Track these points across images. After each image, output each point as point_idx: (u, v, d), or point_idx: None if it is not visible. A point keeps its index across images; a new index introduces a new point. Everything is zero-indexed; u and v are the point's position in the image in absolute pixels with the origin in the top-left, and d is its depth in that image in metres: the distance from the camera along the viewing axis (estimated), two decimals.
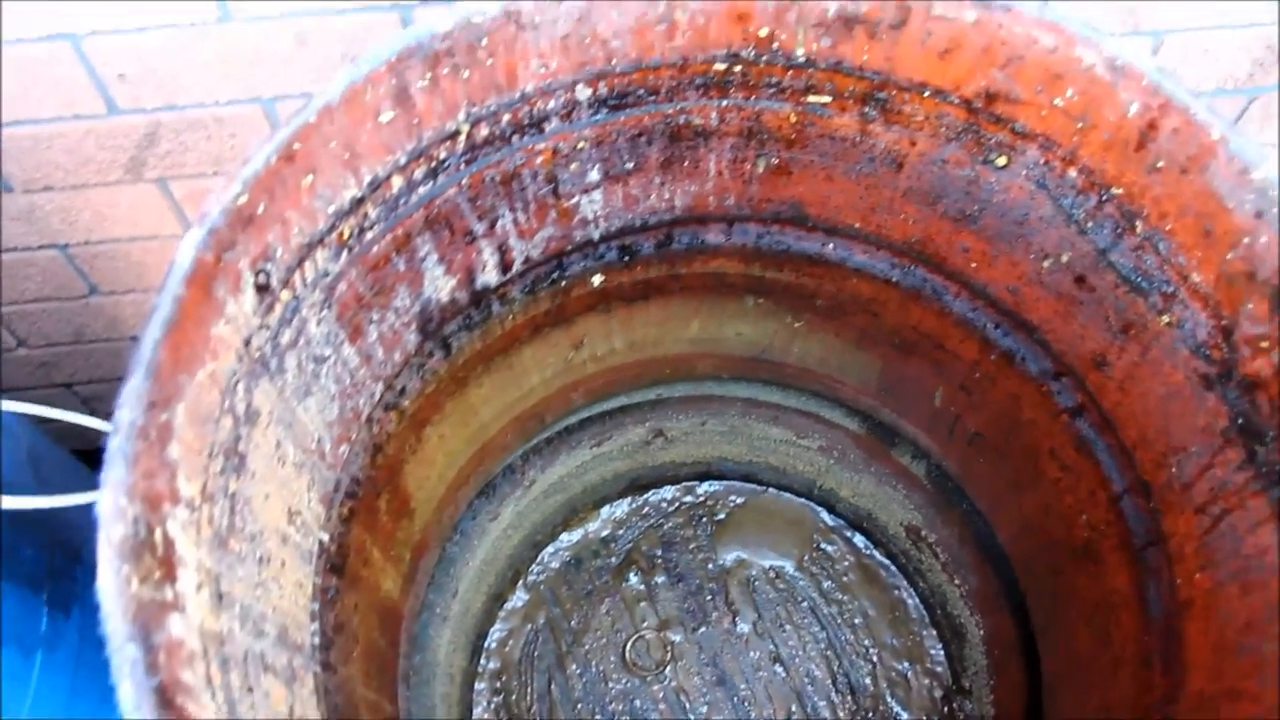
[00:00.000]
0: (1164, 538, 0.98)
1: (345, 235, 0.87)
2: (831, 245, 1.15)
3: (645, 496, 1.72)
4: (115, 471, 0.65)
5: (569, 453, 1.55)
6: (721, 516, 1.71)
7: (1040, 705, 1.30)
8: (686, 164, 1.04)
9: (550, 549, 1.67)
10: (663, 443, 1.63)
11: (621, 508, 1.71)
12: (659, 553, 1.67)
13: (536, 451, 1.50)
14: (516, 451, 1.46)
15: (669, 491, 1.73)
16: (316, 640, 0.97)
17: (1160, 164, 0.82)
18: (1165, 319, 0.89)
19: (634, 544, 1.68)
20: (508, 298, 1.13)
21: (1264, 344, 0.79)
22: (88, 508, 0.73)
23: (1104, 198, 0.88)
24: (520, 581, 1.64)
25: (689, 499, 1.73)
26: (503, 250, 1.05)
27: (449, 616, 1.45)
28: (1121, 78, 0.81)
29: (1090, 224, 0.91)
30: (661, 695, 1.55)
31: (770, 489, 1.73)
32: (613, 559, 1.66)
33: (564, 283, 1.16)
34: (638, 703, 1.55)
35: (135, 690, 0.59)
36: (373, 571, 1.14)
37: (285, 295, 0.83)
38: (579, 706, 1.55)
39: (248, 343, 0.80)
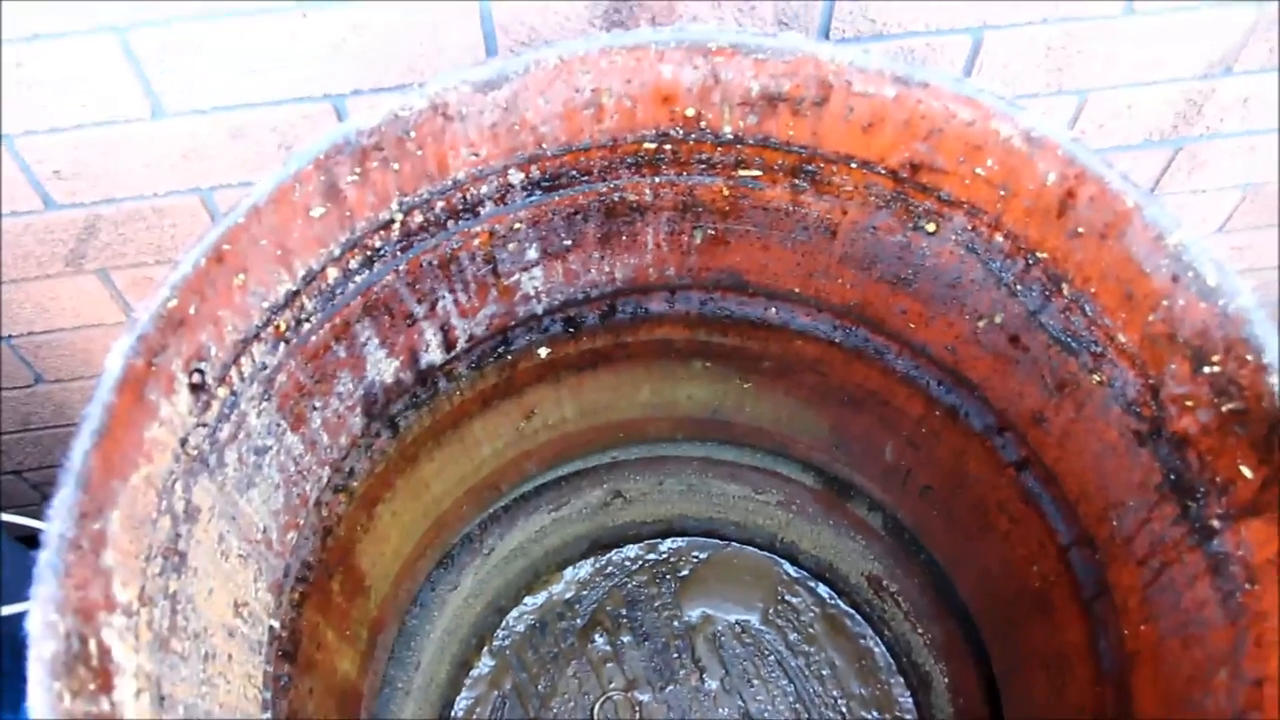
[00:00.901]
0: (1110, 589, 0.99)
1: (282, 328, 0.87)
2: (773, 310, 1.16)
3: (608, 556, 1.71)
4: (45, 587, 0.65)
5: (527, 518, 1.55)
6: (685, 573, 1.71)
7: None
8: (624, 238, 1.05)
9: (514, 613, 1.66)
10: (622, 503, 1.63)
11: (585, 568, 1.71)
12: (624, 612, 1.66)
13: (494, 519, 1.50)
14: (473, 521, 1.46)
15: (632, 550, 1.73)
16: None
17: (1080, 230, 0.84)
18: (1096, 378, 0.90)
19: (598, 604, 1.67)
20: (454, 374, 1.13)
21: (1189, 403, 0.81)
22: None
23: (1030, 262, 0.90)
24: (485, 648, 1.63)
25: (652, 556, 1.72)
26: (445, 330, 1.06)
27: (411, 690, 1.44)
28: (1038, 149, 0.83)
29: (1019, 286, 0.93)
30: None
31: (732, 543, 1.73)
32: (578, 620, 1.66)
33: (510, 356, 1.16)
34: None
35: None
36: (328, 654, 1.13)
37: (222, 392, 0.83)
38: None
39: (184, 442, 0.79)
